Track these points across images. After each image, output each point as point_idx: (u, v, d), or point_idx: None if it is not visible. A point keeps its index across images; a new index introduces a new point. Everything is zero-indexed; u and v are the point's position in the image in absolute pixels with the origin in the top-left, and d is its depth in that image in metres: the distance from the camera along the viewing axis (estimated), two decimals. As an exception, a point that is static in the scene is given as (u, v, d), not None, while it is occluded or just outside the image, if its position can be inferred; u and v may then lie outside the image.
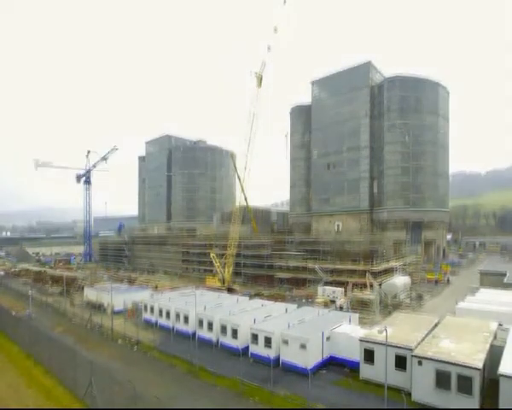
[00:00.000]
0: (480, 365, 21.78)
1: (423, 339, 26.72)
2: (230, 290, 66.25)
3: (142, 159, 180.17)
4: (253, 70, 70.04)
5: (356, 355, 28.39)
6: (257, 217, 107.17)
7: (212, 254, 74.98)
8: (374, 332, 27.94)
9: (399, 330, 28.90)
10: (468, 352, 23.64)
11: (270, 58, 70.14)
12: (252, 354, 32.41)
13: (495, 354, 24.22)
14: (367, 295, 52.06)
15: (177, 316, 41.08)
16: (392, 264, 66.15)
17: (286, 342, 29.90)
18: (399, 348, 25.47)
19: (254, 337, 32.33)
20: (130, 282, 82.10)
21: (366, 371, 27.13)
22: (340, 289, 56.47)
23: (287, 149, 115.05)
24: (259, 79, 70.06)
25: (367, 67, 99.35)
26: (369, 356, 26.98)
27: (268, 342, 31.17)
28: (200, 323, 37.97)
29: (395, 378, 24.65)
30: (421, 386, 23.31)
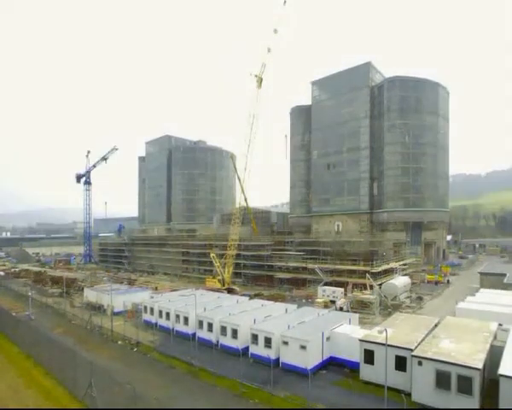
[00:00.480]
0: (480, 365, 21.76)
1: (423, 340, 26.70)
2: (230, 291, 66.20)
3: (142, 159, 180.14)
4: (252, 72, 70.21)
5: (356, 356, 28.37)
6: (257, 218, 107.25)
7: (212, 255, 74.98)
8: (374, 333, 27.93)
9: (399, 330, 28.90)
10: (468, 352, 23.63)
11: (271, 59, 70.24)
12: (252, 354, 32.39)
13: (495, 355, 24.21)
14: (367, 295, 52.08)
15: (177, 317, 41.04)
16: (392, 265, 66.16)
17: (286, 343, 29.87)
18: (399, 348, 25.43)
19: (254, 338, 32.31)
20: (130, 283, 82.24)
21: (366, 372, 27.10)
22: (340, 290, 56.52)
23: (287, 149, 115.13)
24: (259, 81, 70.19)
25: (367, 68, 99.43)
26: (369, 357, 26.95)
27: (268, 342, 31.15)
28: (200, 324, 37.94)
29: (395, 379, 24.62)
30: (421, 386, 23.27)
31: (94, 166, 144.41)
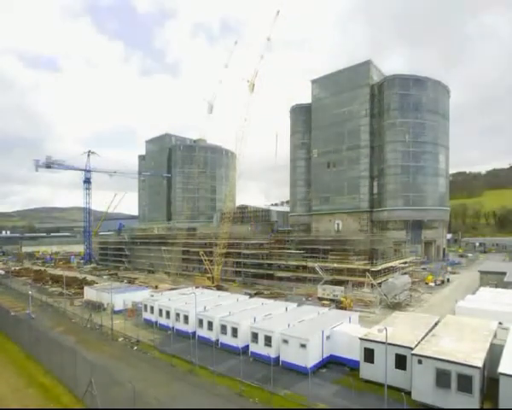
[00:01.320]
0: (479, 363, 21.74)
1: (423, 338, 26.70)
2: (219, 288, 67.39)
3: (142, 158, 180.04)
4: (245, 77, 73.02)
5: (356, 354, 28.36)
6: (257, 217, 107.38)
7: (201, 253, 78.69)
8: (374, 331, 27.91)
9: (399, 329, 28.89)
10: (468, 351, 23.61)
11: (266, 64, 73.63)
12: (252, 352, 32.43)
13: (495, 353, 24.19)
14: (367, 294, 52.12)
15: (177, 316, 41.06)
16: (392, 264, 66.17)
17: (286, 342, 29.89)
18: (399, 347, 25.43)
19: (254, 336, 32.33)
20: (130, 282, 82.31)
21: (366, 371, 27.11)
22: (340, 288, 56.51)
23: (277, 148, 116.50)
24: (251, 87, 72.72)
25: (367, 66, 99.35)
26: (369, 355, 26.95)
27: (268, 340, 31.17)
28: (200, 322, 37.96)
29: (395, 377, 24.61)
30: (421, 385, 23.27)
31: (94, 168, 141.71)
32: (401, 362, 25.13)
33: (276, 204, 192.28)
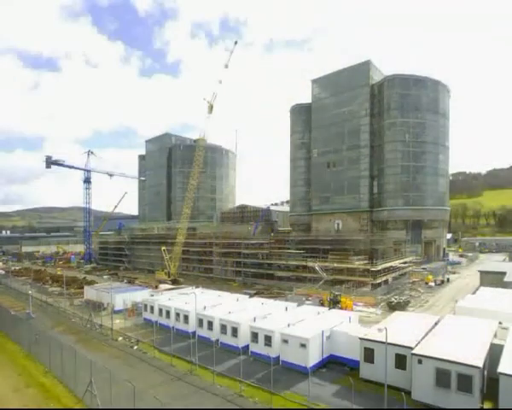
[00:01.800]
0: (479, 363, 21.74)
1: (423, 338, 26.70)
2: (175, 282, 76.43)
3: (142, 157, 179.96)
4: (206, 97, 79.55)
5: (356, 354, 28.37)
6: (257, 216, 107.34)
7: (162, 248, 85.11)
8: (374, 331, 27.91)
9: (399, 329, 28.89)
10: (467, 350, 23.62)
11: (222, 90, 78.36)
12: (252, 352, 32.44)
13: (495, 353, 24.19)
14: (367, 293, 52.13)
15: (177, 315, 41.08)
16: (392, 263, 66.15)
17: (286, 342, 29.89)
18: (399, 346, 25.43)
19: (254, 336, 32.35)
20: (130, 281, 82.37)
21: (366, 371, 27.11)
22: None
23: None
24: (210, 108, 79.23)
25: (367, 66, 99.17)
26: (369, 355, 26.96)
27: (268, 340, 31.18)
28: (200, 322, 37.97)
29: (395, 377, 24.62)
30: (421, 385, 23.28)
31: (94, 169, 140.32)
32: (401, 362, 25.14)
33: (276, 204, 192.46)
